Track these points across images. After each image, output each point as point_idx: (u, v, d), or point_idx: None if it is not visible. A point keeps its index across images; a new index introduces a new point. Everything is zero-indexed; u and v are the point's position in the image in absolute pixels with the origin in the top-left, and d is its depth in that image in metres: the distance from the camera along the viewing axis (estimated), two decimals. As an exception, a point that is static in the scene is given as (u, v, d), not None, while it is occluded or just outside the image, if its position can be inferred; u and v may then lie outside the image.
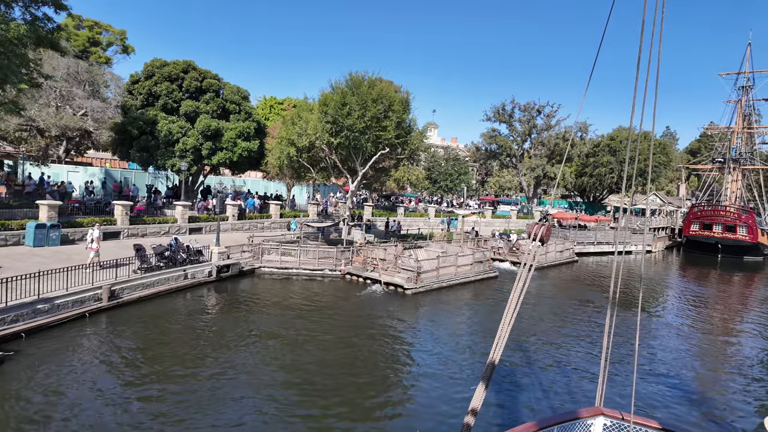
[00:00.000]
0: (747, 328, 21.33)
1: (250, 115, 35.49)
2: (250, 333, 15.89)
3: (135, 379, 11.99)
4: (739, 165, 54.95)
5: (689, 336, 19.68)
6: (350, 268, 24.62)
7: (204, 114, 32.87)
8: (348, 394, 12.07)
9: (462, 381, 13.26)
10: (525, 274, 5.09)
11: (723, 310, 25.97)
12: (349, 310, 19.71)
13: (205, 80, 33.76)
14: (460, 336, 17.18)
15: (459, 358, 14.93)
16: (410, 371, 14.00)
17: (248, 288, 22.11)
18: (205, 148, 32.46)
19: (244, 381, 12.34)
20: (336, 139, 26.75)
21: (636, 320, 19.68)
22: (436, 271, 23.89)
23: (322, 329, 16.81)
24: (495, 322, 18.60)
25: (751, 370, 15.61)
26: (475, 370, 14.00)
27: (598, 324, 19.80)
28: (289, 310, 18.84)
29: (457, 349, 15.76)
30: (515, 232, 42.55)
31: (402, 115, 27.59)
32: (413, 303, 21.11)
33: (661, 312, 23.74)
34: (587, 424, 5.84)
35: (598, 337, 17.74)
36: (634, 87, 4.89)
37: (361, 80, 26.96)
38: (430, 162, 64.40)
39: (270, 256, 25.26)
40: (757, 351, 17.83)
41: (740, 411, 12.46)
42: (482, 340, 16.84)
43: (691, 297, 28.51)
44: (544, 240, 5.14)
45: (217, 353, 14.00)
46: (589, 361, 15.24)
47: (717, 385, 14.25)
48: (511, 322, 5.14)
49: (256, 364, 13.40)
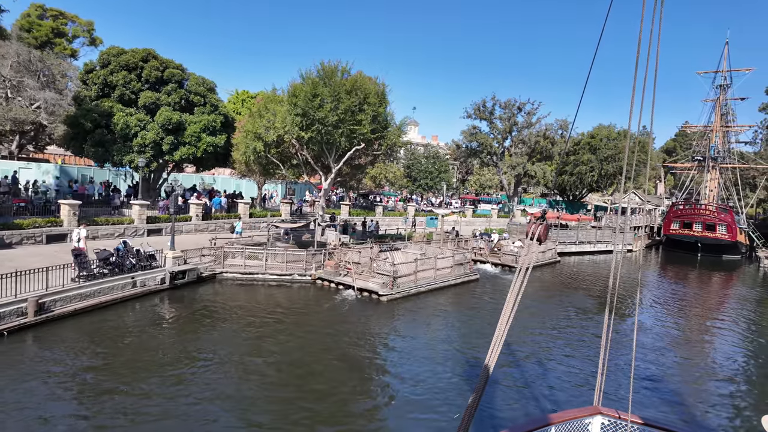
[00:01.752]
0: (739, 327, 21.26)
1: (217, 107, 33.20)
2: (204, 350, 13.91)
3: (56, 417, 9.94)
4: (717, 163, 55.02)
5: (682, 335, 19.47)
6: (321, 273, 22.76)
7: (165, 106, 30.47)
8: (314, 418, 10.29)
9: (442, 402, 11.61)
10: (522, 276, 4.77)
11: (713, 308, 25.59)
12: (318, 320, 17.88)
13: (167, 70, 31.33)
14: (439, 349, 15.52)
15: (438, 376, 13.27)
16: (383, 395, 12.27)
17: (207, 296, 20.04)
18: (166, 143, 30.09)
19: (197, 413, 10.42)
20: (307, 134, 24.81)
21: (630, 321, 19.46)
22: (414, 275, 22.23)
23: (285, 345, 14.94)
24: (477, 331, 17.60)
25: (745, 367, 15.79)
26: (457, 391, 12.38)
27: (588, 325, 19.55)
28: (250, 323, 16.88)
29: (436, 364, 14.09)
30: (496, 231, 41.30)
31: (378, 109, 25.82)
32: (388, 311, 19.39)
33: (650, 311, 22.66)
34: (585, 424, 5.76)
35: (589, 338, 17.70)
36: (633, 87, 4.67)
37: (334, 70, 25.09)
38: (409, 159, 62.82)
39: (234, 260, 23.20)
40: (751, 348, 18.05)
41: (737, 408, 12.49)
42: (464, 353, 15.25)
43: (677, 296, 27.69)
44: (542, 240, 4.68)
45: (164, 377, 12.01)
46: (583, 362, 15.13)
47: (713, 383, 14.24)
48: (506, 330, 4.85)
49: (209, 385, 11.48)
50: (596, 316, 21.28)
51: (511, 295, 4.75)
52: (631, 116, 4.90)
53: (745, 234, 49.35)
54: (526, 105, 60.95)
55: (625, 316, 21.45)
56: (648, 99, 4.67)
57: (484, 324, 18.54)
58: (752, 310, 26.42)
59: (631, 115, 4.90)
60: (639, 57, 4.61)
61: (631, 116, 4.90)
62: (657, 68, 4.68)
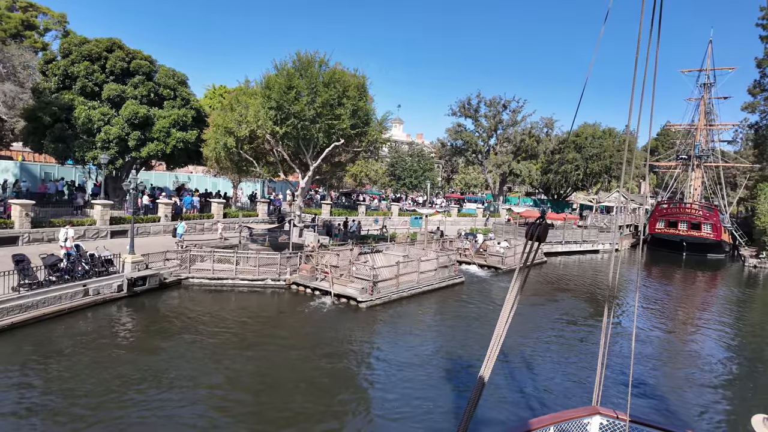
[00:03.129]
0: (732, 327, 21.18)
1: (188, 101, 31.36)
2: (159, 368, 12.32)
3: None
4: (702, 162, 54.92)
5: (675, 336, 19.29)
6: (297, 278, 21.25)
7: (131, 99, 28.53)
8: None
9: (429, 421, 10.28)
10: (520, 279, 4.53)
11: (705, 309, 25.02)
12: (289, 331, 16.37)
13: (133, 61, 29.38)
14: (422, 362, 14.18)
15: (422, 393, 11.93)
16: (361, 416, 10.88)
17: (171, 304, 18.38)
18: (132, 139, 28.19)
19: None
20: (282, 128, 23.30)
21: (623, 322, 18.74)
22: (396, 279, 20.88)
23: (251, 360, 13.42)
24: (463, 340, 17.50)
25: (741, 367, 15.80)
26: (444, 409, 11.07)
27: (580, 327, 19.23)
28: (214, 334, 15.30)
29: (419, 380, 12.75)
30: (482, 231, 40.21)
31: (358, 103, 24.42)
32: (367, 319, 17.99)
33: (640, 312, 21.74)
34: (583, 424, 5.75)
35: (584, 340, 17.57)
36: (632, 87, 4.72)
37: (311, 61, 23.59)
38: (393, 158, 61.50)
39: (202, 263, 21.54)
40: (746, 348, 18.05)
41: (735, 408, 12.53)
42: (450, 366, 13.94)
43: (668, 297, 26.94)
44: (542, 239, 4.41)
45: (109, 400, 10.42)
46: (579, 363, 15.03)
47: (709, 383, 14.20)
48: (505, 330, 4.49)
49: (162, 409, 9.93)
50: (588, 318, 20.90)
51: (510, 295, 4.58)
52: (630, 116, 4.89)
53: (728, 233, 49.27)
54: (511, 103, 60.21)
55: (618, 316, 21.04)
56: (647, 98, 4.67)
57: (471, 332, 17.29)
58: (743, 310, 26.09)
59: (630, 114, 4.90)
60: (638, 57, 4.63)
61: (630, 116, 4.89)
62: (656, 69, 4.71)
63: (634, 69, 4.67)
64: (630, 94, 4.72)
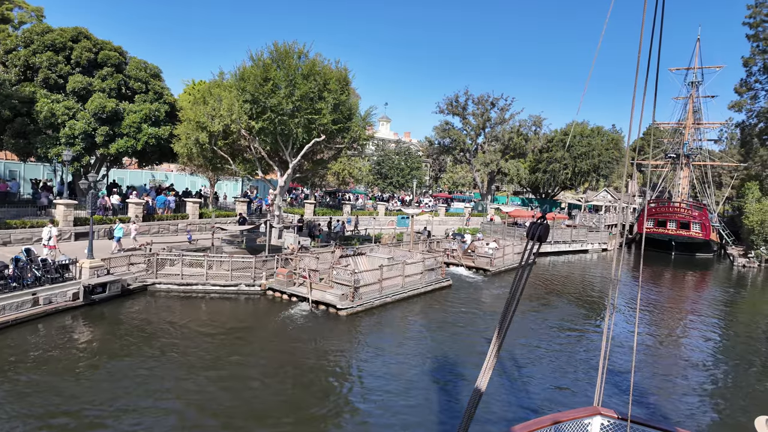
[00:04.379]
0: (729, 328, 21.18)
1: (162, 95, 29.68)
2: (111, 390, 10.88)
3: None
4: (690, 161, 54.68)
5: (672, 337, 19.10)
6: (273, 283, 19.85)
7: (99, 92, 26.78)
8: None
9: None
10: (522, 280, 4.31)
11: (700, 310, 24.35)
12: (261, 343, 14.99)
13: (101, 52, 27.59)
14: (407, 377, 12.94)
15: (408, 413, 10.68)
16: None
17: (134, 313, 16.86)
18: (100, 134, 26.44)
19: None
20: (258, 123, 21.87)
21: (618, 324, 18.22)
22: (379, 283, 19.61)
23: (217, 379, 12.04)
24: (451, 350, 15.27)
25: (740, 367, 15.70)
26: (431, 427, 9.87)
27: (576, 329, 18.98)
28: (177, 346, 13.88)
29: (403, 398, 11.51)
30: (470, 232, 39.17)
31: (340, 96, 23.06)
32: (347, 328, 16.68)
33: (632, 313, 20.84)
34: (584, 424, 5.80)
35: (580, 341, 17.50)
36: (634, 86, 4.74)
37: (289, 51, 22.18)
38: (380, 156, 60.22)
39: (172, 267, 20.04)
40: (746, 349, 17.93)
41: (736, 409, 12.39)
42: (437, 381, 12.73)
43: (661, 298, 26.13)
44: (543, 240, 4.34)
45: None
46: (577, 364, 15.02)
47: (710, 384, 14.13)
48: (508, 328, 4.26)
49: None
50: (585, 319, 20.78)
51: (512, 295, 4.42)
52: (632, 114, 4.86)
53: (716, 232, 49.04)
54: (499, 100, 59.39)
55: (625, 316, 20.80)
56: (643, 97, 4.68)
57: (459, 341, 16.11)
58: (739, 310, 25.70)
59: (632, 113, 4.86)
60: (640, 57, 4.66)
61: (632, 114, 4.86)
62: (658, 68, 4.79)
63: (636, 68, 4.58)
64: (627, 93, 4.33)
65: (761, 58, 53.12)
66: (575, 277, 30.81)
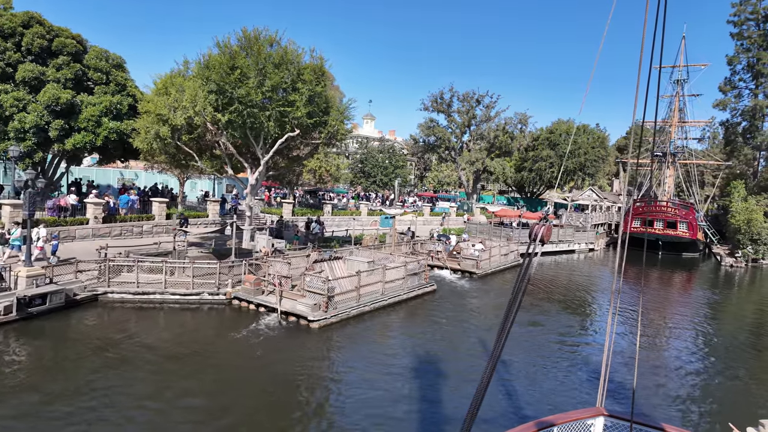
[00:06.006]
0: (727, 328, 20.99)
1: (125, 87, 27.54)
2: (43, 419, 9.06)
3: None
4: (676, 159, 54.28)
5: (673, 337, 18.84)
6: (239, 291, 18.06)
7: (53, 83, 24.58)
8: None
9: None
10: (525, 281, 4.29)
11: (695, 310, 23.61)
12: (219, 364, 13.21)
13: (57, 39, 25.35)
14: (381, 409, 11.35)
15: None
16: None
17: (79, 328, 14.95)
18: (54, 128, 24.23)
19: None
20: (225, 116, 20.03)
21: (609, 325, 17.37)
22: (356, 290, 17.97)
23: (163, 410, 10.28)
24: (436, 367, 13.90)
25: (742, 368, 15.57)
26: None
27: (571, 331, 18.67)
28: (121, 369, 12.06)
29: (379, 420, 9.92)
30: (455, 232, 37.78)
31: (315, 88, 21.34)
32: (319, 342, 15.00)
33: (627, 314, 19.72)
34: (587, 425, 5.76)
35: (578, 341, 17.47)
36: (636, 85, 4.69)
37: (259, 38, 20.37)
38: (363, 154, 58.55)
39: (129, 274, 18.08)
40: (746, 349, 17.75)
41: (739, 410, 12.24)
42: (421, 411, 11.16)
43: (657, 299, 25.17)
44: (545, 240, 4.26)
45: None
46: (575, 365, 14.96)
47: (712, 385, 14.00)
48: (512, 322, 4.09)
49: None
50: (582, 320, 20.69)
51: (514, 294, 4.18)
52: (634, 113, 4.99)
53: (702, 231, 48.64)
54: (485, 98, 58.23)
55: (601, 322, 20.09)
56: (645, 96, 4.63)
57: (445, 358, 14.53)
58: (737, 310, 25.08)
59: (634, 111, 4.95)
60: (642, 56, 4.60)
61: (634, 113, 4.99)
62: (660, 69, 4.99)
63: (638, 68, 4.72)
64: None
65: (745, 56, 53.06)
66: (566, 280, 29.59)
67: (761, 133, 50.33)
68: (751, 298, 29.11)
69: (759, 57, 50.21)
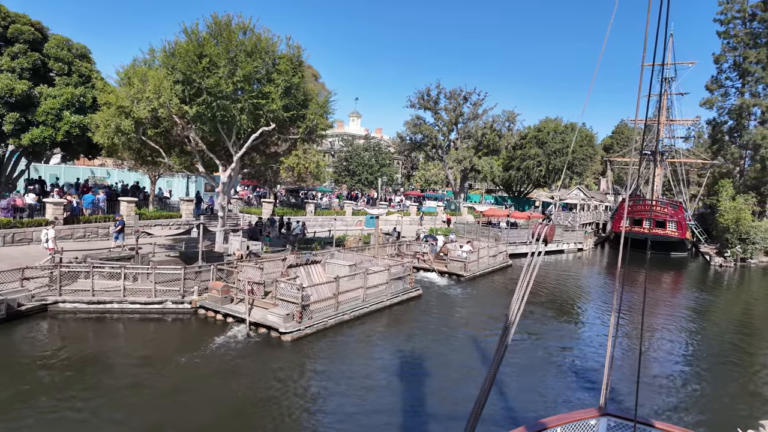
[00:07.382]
0: (726, 328, 20.76)
1: (89, 79, 25.68)
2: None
3: None
4: (664, 158, 53.90)
5: (671, 338, 18.40)
6: (205, 299, 16.52)
7: (7, 72, 22.70)
8: None
9: None
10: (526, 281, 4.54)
11: (692, 311, 22.82)
12: (178, 383, 11.71)
13: (12, 26, 23.40)
14: (370, 425, 10.00)
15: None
16: None
17: (22, 343, 13.30)
18: (8, 122, 22.35)
19: None
20: (192, 108, 18.46)
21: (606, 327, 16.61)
22: (335, 298, 16.58)
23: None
24: (423, 385, 12.90)
25: (744, 367, 15.44)
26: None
27: (567, 333, 18.50)
28: (71, 389, 10.49)
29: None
30: (442, 232, 36.57)
31: (292, 79, 19.88)
32: (291, 358, 13.53)
33: (629, 318, 18.73)
34: (590, 425, 5.71)
35: (577, 342, 17.40)
36: (639, 84, 4.31)
37: (230, 24, 18.84)
38: (348, 152, 57.09)
39: (85, 281, 16.41)
40: (747, 349, 17.50)
41: (743, 411, 12.06)
42: (408, 426, 9.85)
43: (653, 299, 24.22)
44: (548, 240, 4.52)
45: None
46: (576, 364, 14.87)
47: (715, 385, 13.79)
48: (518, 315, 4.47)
49: None
50: (580, 321, 20.46)
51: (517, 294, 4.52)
52: (637, 111, 4.91)
53: (690, 230, 48.26)
54: (472, 95, 57.20)
55: (605, 322, 19.62)
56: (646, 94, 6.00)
57: (433, 373, 13.20)
58: (736, 311, 24.40)
59: (637, 110, 4.86)
60: (645, 56, 4.55)
61: (637, 111, 4.91)
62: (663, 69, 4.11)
63: (641, 68, 4.56)
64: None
65: (732, 55, 52.83)
66: (559, 282, 28.51)
67: (748, 131, 50.12)
68: (745, 298, 28.49)
69: (745, 56, 49.96)
